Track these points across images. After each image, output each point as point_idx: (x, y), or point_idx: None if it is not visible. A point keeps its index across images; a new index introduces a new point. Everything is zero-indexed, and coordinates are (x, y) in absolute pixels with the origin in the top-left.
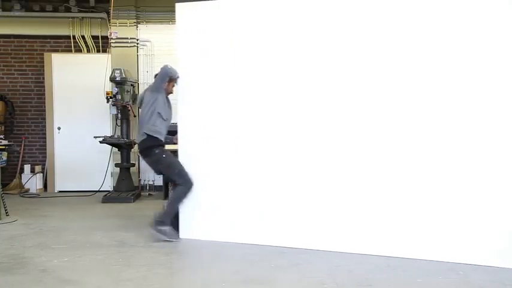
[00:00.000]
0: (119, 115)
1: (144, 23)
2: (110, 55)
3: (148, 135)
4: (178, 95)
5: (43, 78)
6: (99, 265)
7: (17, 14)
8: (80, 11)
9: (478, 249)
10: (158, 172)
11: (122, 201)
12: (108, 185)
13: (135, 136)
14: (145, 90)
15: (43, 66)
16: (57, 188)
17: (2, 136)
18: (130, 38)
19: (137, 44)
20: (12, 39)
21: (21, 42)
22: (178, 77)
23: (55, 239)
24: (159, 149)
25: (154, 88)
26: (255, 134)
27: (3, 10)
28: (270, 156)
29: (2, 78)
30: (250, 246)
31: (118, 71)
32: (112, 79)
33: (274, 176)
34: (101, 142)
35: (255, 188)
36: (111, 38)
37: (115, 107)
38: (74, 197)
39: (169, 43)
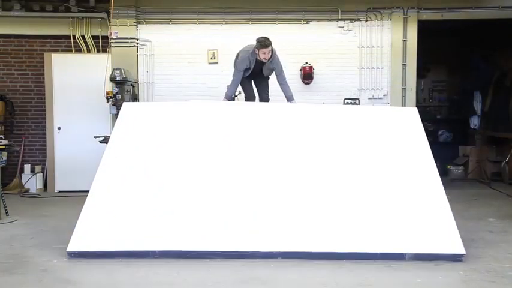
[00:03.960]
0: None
1: (144, 23)
2: (110, 55)
3: None
4: None
5: (43, 78)
6: (99, 265)
7: (17, 14)
8: (80, 11)
9: None
10: None
11: None
12: None
13: None
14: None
15: (43, 66)
16: (57, 188)
17: (2, 136)
18: (130, 38)
19: (137, 44)
20: (12, 39)
21: (21, 42)
22: None
23: (55, 239)
24: None
25: None
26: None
27: (3, 10)
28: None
29: (2, 78)
30: None
31: (118, 71)
32: (112, 79)
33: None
34: (101, 142)
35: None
36: (111, 38)
37: (115, 107)
38: (74, 196)
39: (170, 43)
